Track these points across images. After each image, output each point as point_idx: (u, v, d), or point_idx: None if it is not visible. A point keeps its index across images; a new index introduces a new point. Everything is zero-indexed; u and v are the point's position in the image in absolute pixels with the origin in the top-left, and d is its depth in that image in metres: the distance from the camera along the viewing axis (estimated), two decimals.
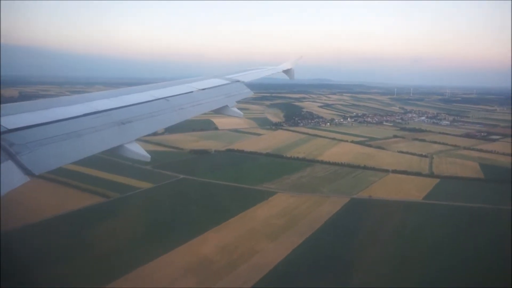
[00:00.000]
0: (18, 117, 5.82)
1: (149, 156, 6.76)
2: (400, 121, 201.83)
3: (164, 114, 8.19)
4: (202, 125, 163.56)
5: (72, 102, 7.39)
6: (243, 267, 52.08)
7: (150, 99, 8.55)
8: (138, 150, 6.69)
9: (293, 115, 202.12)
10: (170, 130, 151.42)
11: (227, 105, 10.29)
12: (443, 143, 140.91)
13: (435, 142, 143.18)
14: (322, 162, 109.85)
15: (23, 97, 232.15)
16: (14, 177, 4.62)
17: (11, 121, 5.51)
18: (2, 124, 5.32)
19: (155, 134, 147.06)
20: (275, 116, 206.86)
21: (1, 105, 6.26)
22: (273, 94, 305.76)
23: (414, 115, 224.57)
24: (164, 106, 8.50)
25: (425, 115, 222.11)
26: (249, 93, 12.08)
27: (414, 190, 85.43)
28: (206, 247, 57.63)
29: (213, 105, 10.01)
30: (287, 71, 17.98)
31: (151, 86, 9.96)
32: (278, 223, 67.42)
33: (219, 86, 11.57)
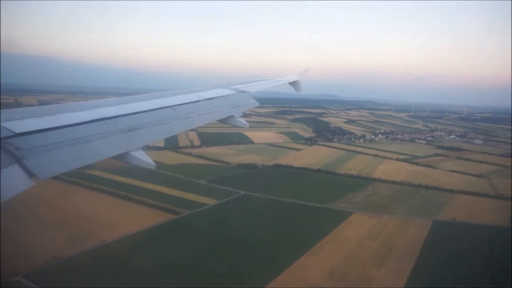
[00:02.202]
0: (25, 122, 5.74)
1: (154, 164, 6.47)
2: (431, 139, 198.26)
3: (171, 122, 8.11)
4: (236, 138, 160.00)
5: (79, 108, 7.22)
6: None
7: (157, 107, 8.45)
8: (144, 158, 6.45)
9: (323, 130, 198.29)
10: (207, 143, 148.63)
11: (233, 115, 10.17)
12: (491, 163, 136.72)
13: (481, 162, 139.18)
14: (379, 180, 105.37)
15: (43, 105, 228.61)
16: (19, 181, 4.54)
17: (18, 125, 5.47)
18: (9, 128, 5.26)
19: (192, 147, 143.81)
20: (303, 131, 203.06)
21: (9, 109, 6.31)
22: (293, 109, 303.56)
23: (442, 133, 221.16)
24: (171, 114, 8.42)
25: (454, 134, 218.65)
26: (255, 104, 11.84)
27: (495, 214, 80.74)
28: (313, 273, 52.68)
29: (219, 114, 9.94)
30: (293, 83, 17.45)
31: (157, 94, 9.85)
32: (373, 246, 62.67)
33: (225, 96, 11.43)
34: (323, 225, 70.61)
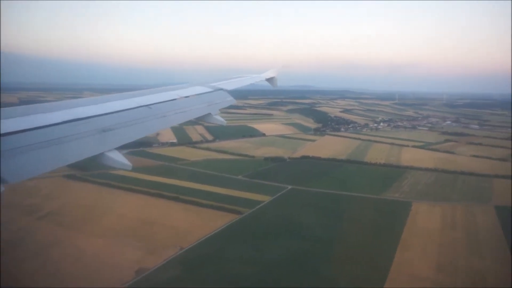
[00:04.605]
0: None
1: (130, 164, 6.20)
2: (430, 125, 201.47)
3: (147, 121, 7.87)
4: (244, 131, 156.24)
5: (52, 108, 6.86)
6: None
7: (133, 106, 8.21)
8: (119, 158, 6.17)
9: (326, 121, 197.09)
10: (220, 137, 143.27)
11: (210, 113, 10.06)
12: (503, 147, 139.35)
13: (492, 146, 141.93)
14: (412, 168, 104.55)
15: (23, 103, 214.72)
16: None
17: None
18: None
19: (207, 141, 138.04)
20: (305, 121, 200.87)
21: None
22: (284, 100, 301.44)
23: (438, 119, 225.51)
24: (147, 113, 8.18)
25: (448, 120, 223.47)
26: (232, 101, 11.82)
27: None
28: (420, 269, 50.00)
29: (196, 112, 9.80)
30: (270, 79, 17.57)
31: (133, 93, 9.54)
32: (458, 236, 60.82)
33: (202, 94, 11.38)
34: (392, 216, 68.38)
